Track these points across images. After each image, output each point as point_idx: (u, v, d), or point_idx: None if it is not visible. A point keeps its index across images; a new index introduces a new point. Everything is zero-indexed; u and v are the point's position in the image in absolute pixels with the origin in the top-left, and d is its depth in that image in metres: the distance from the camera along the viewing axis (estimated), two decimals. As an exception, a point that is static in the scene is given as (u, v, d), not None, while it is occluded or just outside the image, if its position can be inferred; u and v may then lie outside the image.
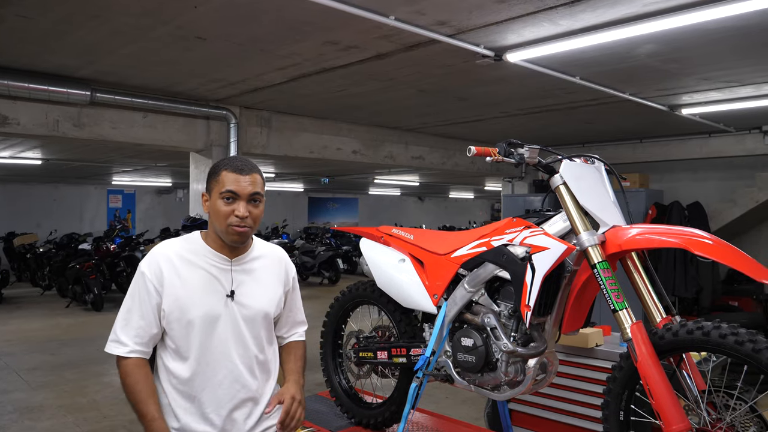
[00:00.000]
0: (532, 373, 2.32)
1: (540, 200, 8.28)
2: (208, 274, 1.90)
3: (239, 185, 1.85)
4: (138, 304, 1.87)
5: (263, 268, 2.02)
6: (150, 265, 1.89)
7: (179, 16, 3.74)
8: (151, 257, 1.91)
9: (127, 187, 17.46)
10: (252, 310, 1.93)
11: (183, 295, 1.85)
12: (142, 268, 1.89)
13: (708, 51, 4.36)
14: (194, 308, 1.86)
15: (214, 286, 1.90)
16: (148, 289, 1.86)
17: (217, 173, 1.89)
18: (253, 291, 1.95)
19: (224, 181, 1.86)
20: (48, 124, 5.43)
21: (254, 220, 1.90)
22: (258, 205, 1.91)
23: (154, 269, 1.88)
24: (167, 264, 1.88)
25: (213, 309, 1.88)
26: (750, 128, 7.54)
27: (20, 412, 5.18)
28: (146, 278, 1.88)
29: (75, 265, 10.80)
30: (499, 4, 3.46)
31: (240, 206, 1.85)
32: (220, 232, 1.88)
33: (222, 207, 1.85)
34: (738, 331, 1.82)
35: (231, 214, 1.84)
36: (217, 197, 1.86)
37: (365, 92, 5.84)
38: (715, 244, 1.91)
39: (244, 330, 1.92)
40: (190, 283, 1.87)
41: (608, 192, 2.26)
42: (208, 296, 1.88)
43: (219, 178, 1.88)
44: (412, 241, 2.78)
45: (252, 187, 1.87)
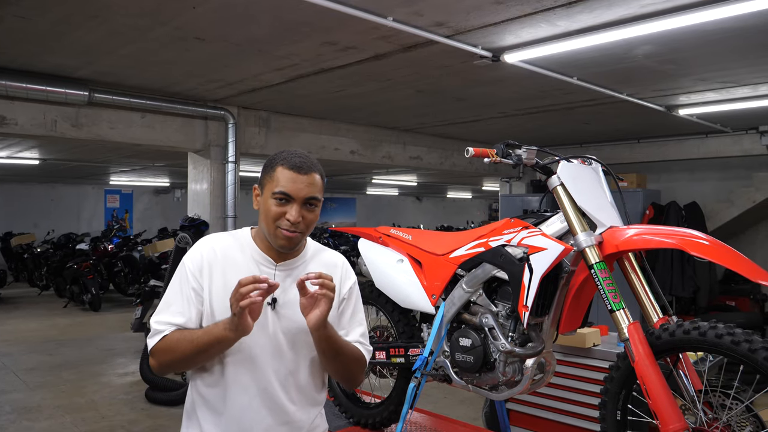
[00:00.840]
0: (530, 372, 2.34)
1: (538, 200, 8.31)
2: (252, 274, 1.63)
3: (295, 186, 1.64)
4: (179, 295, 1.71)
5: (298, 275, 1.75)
6: (193, 257, 1.73)
7: (178, 17, 3.74)
8: (195, 249, 1.75)
9: (124, 187, 17.43)
10: (295, 323, 1.69)
11: (222, 295, 1.66)
12: (185, 260, 1.74)
13: (705, 52, 4.37)
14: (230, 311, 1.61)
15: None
16: (189, 281, 1.70)
17: (272, 167, 1.68)
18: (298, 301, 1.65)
19: (279, 179, 1.65)
20: (46, 124, 5.43)
21: (307, 226, 1.69)
22: (314, 210, 1.69)
23: (196, 261, 1.71)
24: (211, 257, 1.72)
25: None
26: (747, 128, 7.55)
27: (18, 412, 5.17)
28: (187, 269, 1.71)
29: (73, 265, 10.79)
30: (497, 5, 3.47)
31: (293, 210, 1.64)
32: (268, 234, 1.69)
33: (273, 207, 1.65)
34: (734, 331, 1.84)
35: (282, 217, 1.65)
36: (270, 196, 1.66)
37: (363, 93, 5.84)
38: (711, 244, 1.92)
39: (284, 345, 1.70)
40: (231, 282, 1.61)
41: (605, 193, 2.28)
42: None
43: (274, 174, 1.67)
44: (410, 241, 2.79)
45: (309, 189, 1.65)
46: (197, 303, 1.69)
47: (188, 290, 1.69)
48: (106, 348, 7.70)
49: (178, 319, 1.68)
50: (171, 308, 1.70)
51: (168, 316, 1.69)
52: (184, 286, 1.70)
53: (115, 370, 6.63)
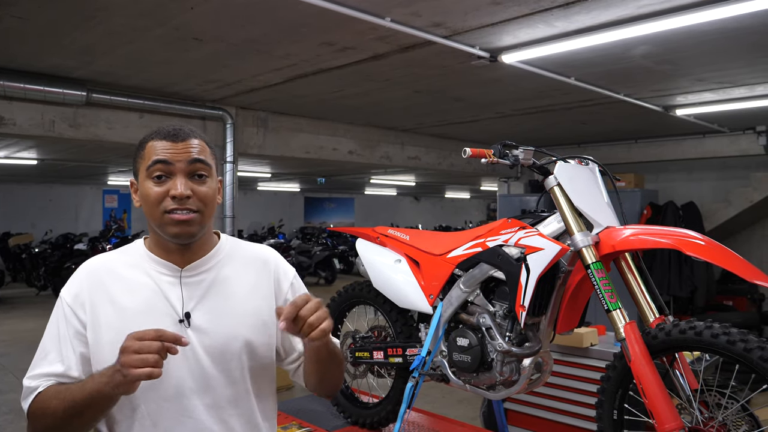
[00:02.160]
0: (527, 372, 2.34)
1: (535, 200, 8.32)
2: (152, 292, 1.36)
3: (172, 153, 1.32)
4: (55, 339, 1.35)
5: (234, 276, 1.44)
6: (70, 288, 1.38)
7: (176, 17, 3.74)
8: (73, 278, 1.41)
9: (122, 187, 17.41)
10: (218, 338, 1.36)
11: (115, 325, 1.31)
12: (61, 293, 1.39)
13: (702, 52, 4.39)
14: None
15: (161, 307, 1.35)
16: (67, 318, 1.36)
17: (142, 146, 1.38)
18: (219, 310, 1.38)
19: (151, 151, 1.34)
20: (44, 125, 5.42)
21: (203, 202, 1.34)
22: (205, 180, 1.35)
23: (74, 292, 1.37)
24: (93, 284, 1.37)
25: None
26: (744, 129, 7.57)
27: (16, 412, 5.17)
28: (64, 304, 1.37)
29: (71, 265, 10.80)
30: (495, 6, 3.48)
31: (177, 182, 1.31)
32: (157, 227, 1.35)
33: (152, 188, 1.32)
34: (730, 331, 1.85)
35: (165, 196, 1.32)
36: (145, 177, 1.34)
37: (361, 93, 5.85)
38: (707, 244, 1.93)
39: (211, 369, 1.34)
40: (126, 307, 1.34)
41: (602, 193, 2.29)
42: (152, 324, 1.23)
43: (144, 151, 1.36)
44: (407, 241, 2.80)
45: (193, 153, 1.34)
46: (79, 345, 1.34)
47: (66, 330, 1.35)
48: (104, 348, 7.71)
49: (56, 368, 1.33)
50: (48, 357, 1.35)
51: (43, 367, 1.33)
52: (61, 327, 1.36)
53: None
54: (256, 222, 19.15)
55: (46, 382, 1.32)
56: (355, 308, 3.14)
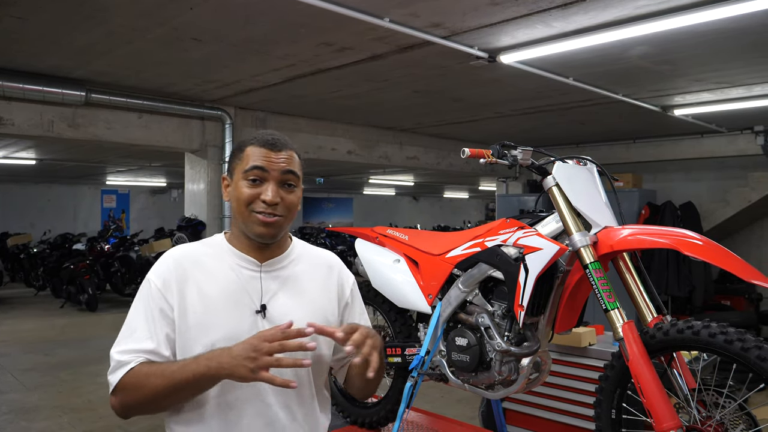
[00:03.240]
0: (526, 372, 2.35)
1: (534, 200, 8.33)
2: (232, 283, 1.48)
3: (269, 161, 1.46)
4: (142, 317, 1.44)
5: (305, 275, 1.58)
6: (159, 271, 1.48)
7: (175, 18, 3.75)
8: (161, 263, 1.50)
9: (121, 187, 17.41)
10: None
11: (200, 312, 1.44)
12: (149, 276, 1.48)
13: (700, 53, 4.40)
14: (214, 328, 1.42)
15: (241, 298, 1.47)
16: (155, 300, 1.45)
17: (241, 150, 1.51)
18: (292, 304, 1.51)
19: (250, 157, 1.47)
20: (43, 125, 5.43)
21: (288, 209, 1.49)
22: (293, 190, 1.50)
23: (163, 276, 1.46)
24: (180, 270, 1.47)
25: (238, 328, 1.42)
26: (742, 129, 7.59)
27: (15, 413, 5.17)
28: (152, 286, 1.46)
29: (69, 265, 10.78)
30: (493, 7, 3.49)
31: (269, 189, 1.45)
32: (243, 225, 1.49)
33: (245, 189, 1.46)
34: (727, 330, 1.85)
35: (256, 199, 1.45)
36: (240, 177, 1.47)
37: (360, 93, 5.86)
38: (705, 244, 1.94)
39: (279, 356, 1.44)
40: (209, 295, 1.45)
41: (600, 193, 2.29)
42: (232, 312, 1.44)
43: (243, 155, 1.49)
44: (406, 241, 2.80)
45: (285, 164, 1.47)
46: (166, 325, 1.44)
47: (155, 310, 1.44)
48: (103, 348, 7.68)
49: (147, 344, 1.41)
50: (136, 334, 1.43)
51: (132, 343, 1.41)
52: (150, 306, 1.44)
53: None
54: (255, 222, 19.13)
55: (138, 358, 1.40)
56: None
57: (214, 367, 1.30)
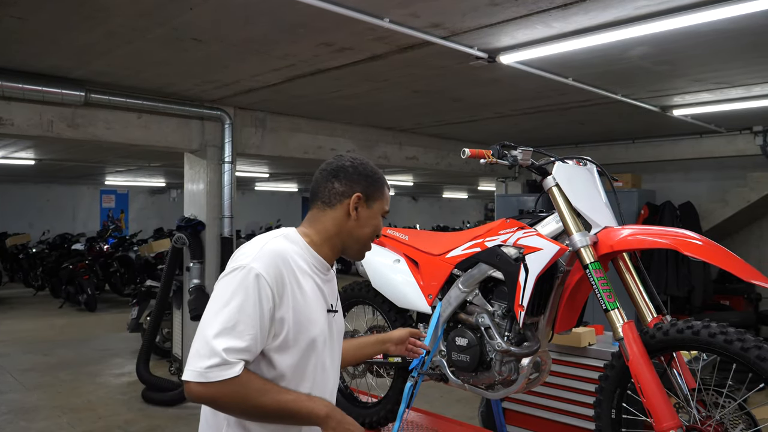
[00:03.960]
0: (526, 372, 2.35)
1: (533, 200, 8.34)
2: (314, 283, 1.63)
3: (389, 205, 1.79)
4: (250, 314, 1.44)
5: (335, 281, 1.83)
6: (268, 266, 1.49)
7: (175, 18, 3.75)
8: (268, 258, 1.51)
9: (120, 187, 17.40)
10: (342, 327, 1.82)
11: (303, 309, 1.55)
12: (258, 270, 1.47)
13: (699, 53, 4.40)
14: (312, 324, 1.58)
15: (320, 297, 1.65)
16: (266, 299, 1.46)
17: (380, 186, 1.73)
18: (338, 306, 1.79)
19: (386, 199, 1.75)
20: (42, 125, 5.42)
21: None
22: None
23: (273, 272, 1.49)
24: (287, 268, 1.54)
25: (323, 326, 1.64)
26: (741, 129, 7.60)
27: (15, 413, 5.17)
28: (262, 282, 1.46)
29: (68, 265, 10.78)
30: (493, 7, 3.49)
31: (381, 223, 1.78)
32: (362, 245, 1.74)
33: (377, 224, 1.74)
34: (727, 330, 1.86)
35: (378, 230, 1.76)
36: (379, 212, 1.73)
37: (360, 93, 5.86)
38: (704, 244, 1.95)
39: (336, 347, 1.75)
40: (305, 291, 1.57)
41: (600, 193, 2.30)
42: (319, 310, 1.63)
43: (383, 193, 1.74)
44: (406, 241, 2.81)
45: None
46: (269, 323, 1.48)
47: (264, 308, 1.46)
48: (103, 348, 7.69)
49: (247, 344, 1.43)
50: (239, 328, 1.43)
51: (236, 340, 1.41)
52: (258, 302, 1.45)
53: (112, 371, 6.63)
54: (254, 222, 19.15)
55: (241, 362, 1.43)
56: (354, 308, 3.14)
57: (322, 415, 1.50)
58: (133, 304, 7.23)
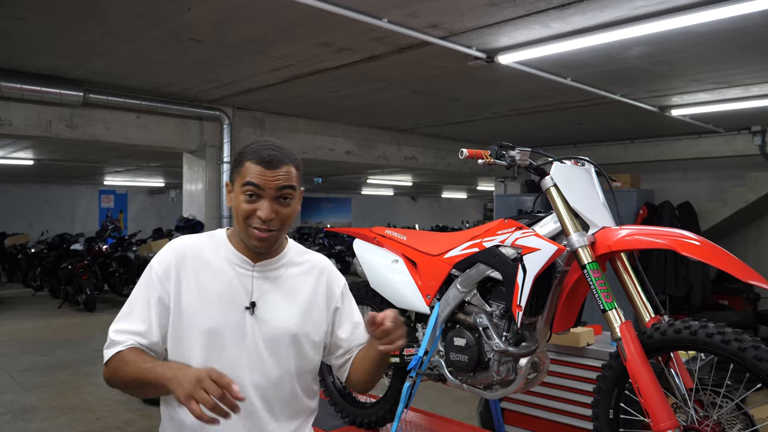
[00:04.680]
0: (524, 372, 2.36)
1: (532, 200, 8.34)
2: (227, 278, 1.56)
3: (264, 179, 1.49)
4: (140, 300, 1.54)
5: (296, 278, 1.65)
6: (161, 259, 1.56)
7: (173, 18, 3.75)
8: (165, 251, 1.59)
9: (119, 187, 17.38)
10: (276, 328, 1.56)
11: (194, 301, 1.52)
12: (152, 263, 1.57)
13: (697, 53, 4.41)
14: (205, 318, 1.52)
15: (233, 293, 1.55)
16: (155, 286, 1.54)
17: (240, 163, 1.53)
18: (279, 304, 1.58)
19: (246, 172, 1.50)
20: (41, 125, 5.42)
21: (282, 222, 1.54)
22: (289, 203, 1.54)
23: (164, 264, 1.55)
24: (181, 260, 1.56)
25: (227, 322, 1.52)
26: (739, 129, 7.61)
27: (13, 413, 5.17)
28: (154, 273, 1.55)
29: (67, 265, 10.76)
30: (491, 7, 3.49)
31: (264, 206, 1.49)
32: (241, 233, 1.56)
33: (243, 204, 1.50)
34: (724, 331, 1.86)
35: (253, 215, 1.50)
36: (239, 191, 1.51)
37: (358, 93, 5.86)
38: (702, 245, 1.95)
39: (264, 354, 1.54)
40: (204, 286, 1.54)
41: (598, 193, 2.30)
42: (224, 306, 1.53)
43: (242, 169, 1.52)
44: (404, 241, 2.81)
45: (281, 180, 1.50)
46: (161, 312, 1.53)
47: (153, 297, 1.53)
48: (101, 349, 7.63)
49: (138, 326, 1.51)
50: (132, 314, 1.54)
51: (127, 324, 1.52)
52: (149, 291, 1.54)
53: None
54: (253, 222, 19.12)
55: (129, 339, 1.50)
56: (353, 308, 3.14)
57: (169, 377, 1.33)
58: (131, 304, 7.22)
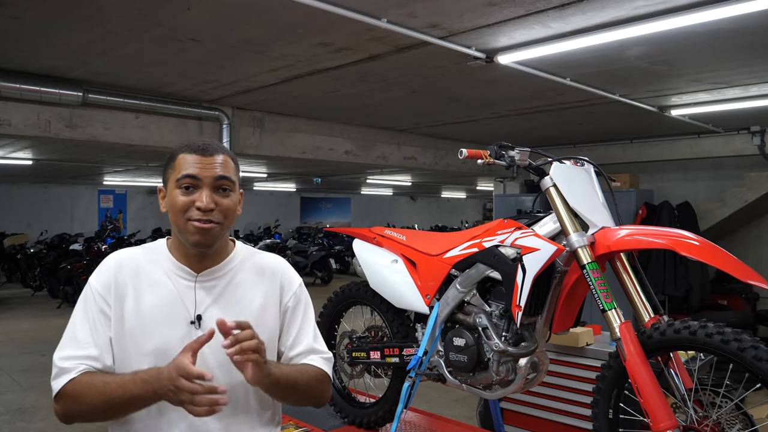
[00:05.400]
0: (523, 372, 2.36)
1: (531, 200, 8.34)
2: (168, 293, 1.47)
3: (200, 168, 1.43)
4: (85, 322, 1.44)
5: (244, 283, 1.55)
6: (99, 275, 1.48)
7: (173, 18, 3.74)
8: (101, 267, 1.50)
9: (118, 187, 17.38)
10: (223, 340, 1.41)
11: (135, 320, 1.44)
12: (90, 280, 1.48)
13: (697, 53, 4.41)
14: (148, 338, 1.42)
15: (176, 308, 1.46)
16: (96, 303, 1.45)
17: (173, 158, 1.49)
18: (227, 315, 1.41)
19: (182, 164, 1.45)
20: (40, 125, 5.41)
21: (224, 214, 1.46)
22: (228, 194, 1.47)
23: (103, 280, 1.46)
24: (119, 274, 1.47)
25: (171, 339, 1.42)
26: (738, 129, 7.61)
27: (12, 413, 5.16)
28: (93, 290, 1.46)
29: (66, 265, 10.76)
30: (490, 7, 3.49)
31: (203, 195, 1.43)
32: (180, 234, 1.47)
33: (179, 198, 1.44)
34: (723, 331, 1.86)
35: (191, 207, 1.43)
36: (174, 186, 1.46)
37: (358, 93, 5.86)
38: (701, 245, 1.95)
39: (214, 369, 1.43)
40: (145, 303, 1.44)
41: (597, 193, 2.30)
42: (166, 322, 1.44)
43: (175, 163, 1.47)
44: (404, 242, 2.81)
45: (219, 169, 1.45)
46: (107, 328, 1.44)
47: (95, 313, 1.44)
48: (101, 349, 7.70)
49: (89, 350, 1.41)
50: (77, 338, 1.43)
51: (74, 349, 1.41)
52: (90, 310, 1.45)
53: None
54: (252, 222, 19.15)
55: (80, 365, 1.40)
56: (352, 308, 3.14)
57: (151, 391, 1.30)
58: (131, 304, 7.22)
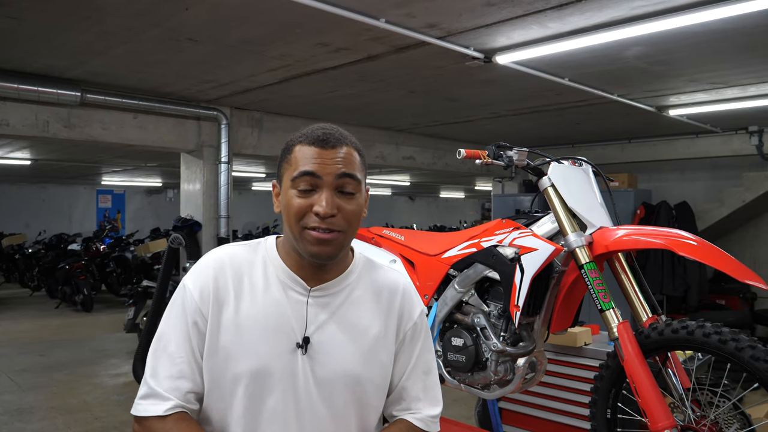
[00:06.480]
0: (522, 372, 2.36)
1: (530, 200, 8.34)
2: (275, 306, 1.24)
3: (320, 163, 1.20)
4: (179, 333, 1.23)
5: (361, 303, 1.31)
6: (198, 279, 1.25)
7: (171, 18, 3.74)
8: (202, 269, 1.27)
9: (116, 187, 17.36)
10: (333, 372, 1.24)
11: (233, 333, 1.22)
12: (187, 282, 1.26)
13: (695, 53, 4.42)
14: (244, 358, 1.20)
15: (281, 326, 1.23)
16: (191, 315, 1.23)
17: (289, 150, 1.26)
18: (338, 341, 1.25)
19: (298, 159, 1.22)
20: (38, 125, 5.41)
21: (348, 222, 1.22)
22: (354, 198, 1.23)
23: (201, 283, 1.24)
24: (222, 280, 1.25)
25: (271, 363, 1.21)
26: (736, 129, 7.62)
27: (11, 414, 5.16)
28: (188, 296, 1.24)
29: (64, 265, 10.74)
30: (489, 7, 3.49)
31: (322, 197, 1.19)
32: (294, 240, 1.23)
33: (295, 200, 1.20)
34: (721, 330, 1.87)
35: (308, 212, 1.19)
36: (289, 186, 1.22)
37: (356, 93, 5.86)
38: (699, 245, 1.95)
39: (317, 402, 1.23)
40: (247, 313, 1.23)
41: (595, 194, 2.31)
42: (268, 340, 1.22)
43: (291, 156, 1.24)
44: (402, 242, 2.81)
45: (342, 165, 1.21)
46: (199, 341, 1.23)
47: (190, 326, 1.24)
48: (99, 349, 7.68)
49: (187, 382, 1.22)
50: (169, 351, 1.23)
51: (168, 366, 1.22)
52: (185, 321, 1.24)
53: (108, 371, 6.61)
54: (251, 222, 19.12)
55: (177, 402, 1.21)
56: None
57: None
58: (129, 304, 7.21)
